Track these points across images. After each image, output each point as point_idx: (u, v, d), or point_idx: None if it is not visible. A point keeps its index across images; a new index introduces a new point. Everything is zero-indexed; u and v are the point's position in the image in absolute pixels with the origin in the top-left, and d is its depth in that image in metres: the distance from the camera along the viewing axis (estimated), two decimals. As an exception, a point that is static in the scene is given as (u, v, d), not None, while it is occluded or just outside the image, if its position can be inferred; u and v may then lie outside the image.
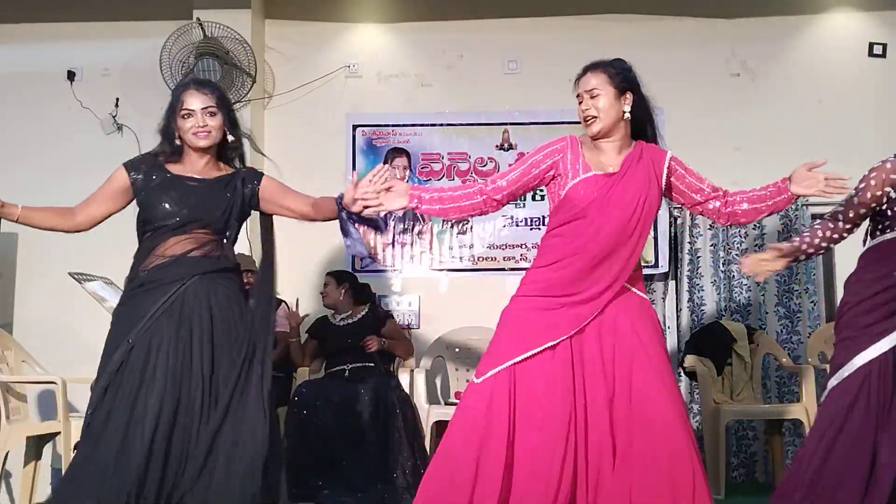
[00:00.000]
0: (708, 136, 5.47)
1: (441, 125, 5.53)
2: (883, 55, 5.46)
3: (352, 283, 4.95)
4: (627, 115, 2.82)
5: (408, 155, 5.56)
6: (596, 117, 2.78)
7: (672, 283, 5.43)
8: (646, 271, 5.40)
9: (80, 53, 5.68)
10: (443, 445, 2.66)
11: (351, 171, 5.58)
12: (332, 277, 4.96)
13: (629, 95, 2.83)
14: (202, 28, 5.25)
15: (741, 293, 5.27)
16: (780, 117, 5.49)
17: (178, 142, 2.87)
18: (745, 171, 5.39)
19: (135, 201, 2.87)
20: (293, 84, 5.64)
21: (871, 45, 5.47)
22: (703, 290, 5.31)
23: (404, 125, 5.60)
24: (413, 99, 5.64)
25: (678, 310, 5.35)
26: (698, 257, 5.33)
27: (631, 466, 2.52)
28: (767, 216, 3.02)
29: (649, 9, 5.57)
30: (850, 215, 2.93)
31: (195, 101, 2.83)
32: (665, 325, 5.43)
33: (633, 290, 2.77)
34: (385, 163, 5.57)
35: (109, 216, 2.96)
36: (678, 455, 2.53)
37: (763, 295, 5.26)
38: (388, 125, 5.61)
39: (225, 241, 2.90)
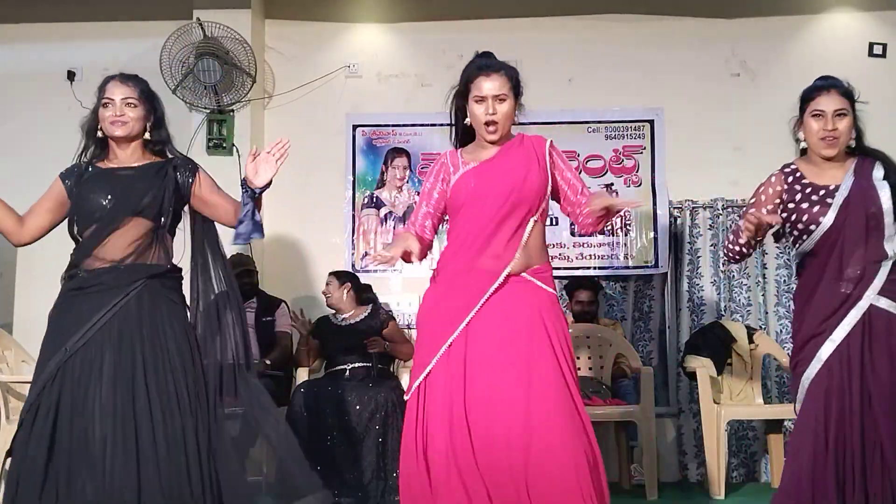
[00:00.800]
0: (708, 136, 5.48)
1: (441, 125, 5.48)
2: (883, 55, 5.46)
3: (354, 284, 4.94)
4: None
5: (408, 155, 5.56)
6: (497, 123, 2.78)
7: (672, 283, 5.43)
8: (646, 272, 5.42)
9: (80, 53, 5.69)
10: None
11: (351, 171, 5.59)
12: (334, 277, 4.95)
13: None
14: (202, 28, 5.25)
15: (741, 293, 5.27)
16: (781, 117, 5.41)
17: (100, 133, 2.83)
18: (744, 172, 5.40)
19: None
20: (293, 84, 5.64)
21: (871, 45, 5.47)
22: (703, 290, 5.31)
23: (404, 125, 5.60)
24: (413, 99, 5.65)
25: (678, 310, 5.35)
26: (698, 257, 5.33)
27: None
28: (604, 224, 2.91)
29: (649, 9, 5.58)
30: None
31: (116, 91, 2.81)
32: (665, 324, 5.43)
33: (540, 284, 2.76)
34: (385, 163, 5.59)
35: (53, 227, 2.96)
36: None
37: (763, 295, 5.27)
38: (388, 125, 5.61)
39: (160, 230, 2.79)
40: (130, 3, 5.67)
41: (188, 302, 2.87)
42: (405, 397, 2.74)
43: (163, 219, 2.78)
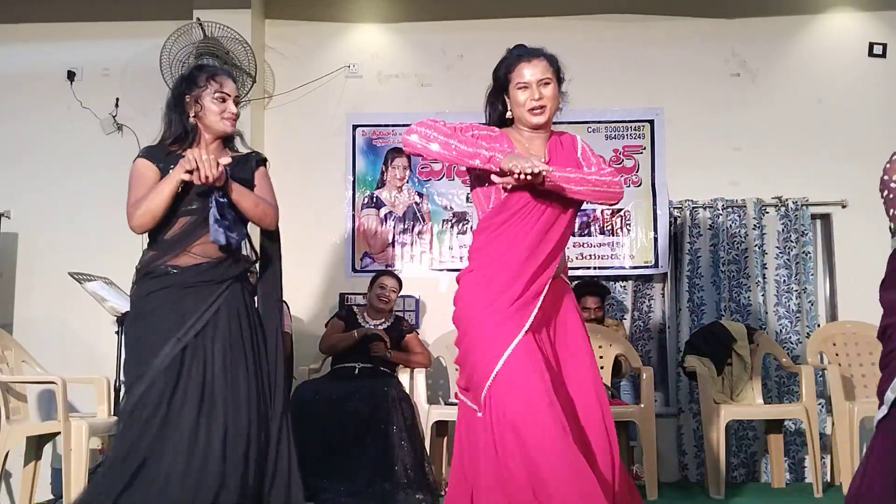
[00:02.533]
0: (708, 136, 5.48)
1: (441, 125, 5.53)
2: (883, 55, 5.47)
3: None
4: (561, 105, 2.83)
5: (408, 155, 5.56)
6: (545, 107, 2.74)
7: (672, 283, 5.43)
8: (646, 271, 5.42)
9: (79, 53, 5.69)
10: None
11: (351, 171, 5.60)
12: (396, 281, 4.96)
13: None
14: (202, 28, 5.26)
15: (741, 293, 5.27)
16: (780, 117, 5.50)
17: (192, 121, 2.80)
18: (744, 171, 5.43)
19: None
20: (293, 84, 5.65)
21: (871, 45, 5.48)
22: (703, 290, 5.31)
23: (404, 125, 5.56)
24: (413, 99, 5.65)
25: (678, 310, 5.35)
26: (698, 257, 5.33)
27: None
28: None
29: (649, 9, 5.58)
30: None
31: (229, 87, 2.83)
32: (665, 324, 5.44)
33: (568, 283, 2.83)
34: (385, 163, 5.60)
35: None
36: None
37: (763, 295, 5.27)
38: (388, 125, 5.61)
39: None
40: (130, 3, 5.68)
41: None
42: (480, 397, 2.53)
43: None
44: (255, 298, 2.88)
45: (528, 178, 2.45)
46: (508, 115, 2.78)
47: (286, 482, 2.74)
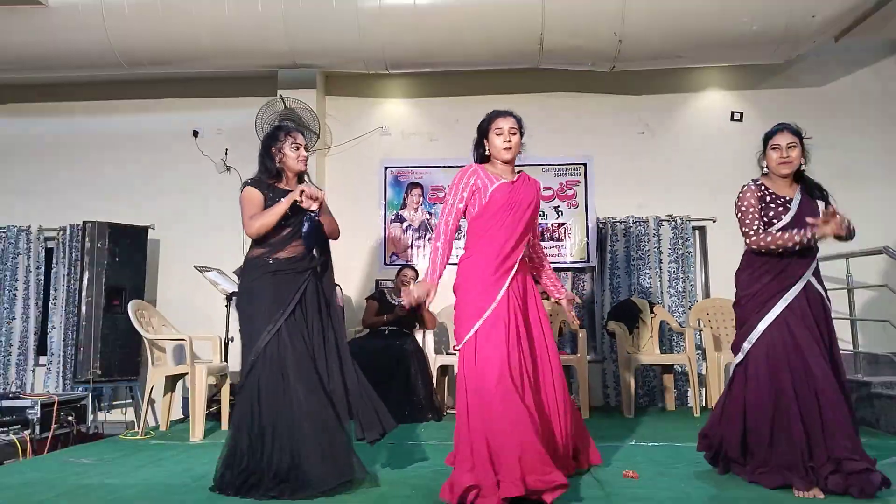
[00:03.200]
0: (621, 174, 5.48)
1: (445, 167, 5.54)
2: (740, 120, 5.47)
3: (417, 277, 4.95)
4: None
5: (421, 187, 5.57)
6: (512, 148, 2.67)
7: (598, 273, 5.44)
8: (579, 265, 5.42)
9: (201, 118, 5.71)
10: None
11: (383, 197, 5.60)
12: (414, 272, 4.90)
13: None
14: (283, 101, 5.27)
15: (645, 279, 5.27)
16: (671, 162, 5.50)
17: (278, 165, 2.75)
18: (647, 197, 5.43)
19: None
20: (345, 139, 5.65)
21: (732, 113, 5.48)
22: (619, 278, 5.30)
23: (420, 167, 5.61)
24: (426, 150, 5.66)
25: (602, 291, 5.35)
26: (616, 255, 5.33)
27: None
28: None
29: (583, 89, 5.58)
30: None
31: (301, 139, 2.80)
32: (594, 301, 5.44)
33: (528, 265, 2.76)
34: (406, 192, 5.60)
35: None
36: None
37: (660, 281, 5.26)
38: (408, 167, 5.61)
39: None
40: (235, 84, 5.68)
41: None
42: (456, 347, 2.51)
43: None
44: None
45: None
46: (487, 153, 2.72)
47: (374, 411, 2.70)
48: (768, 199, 2.63)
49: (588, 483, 2.61)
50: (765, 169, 2.70)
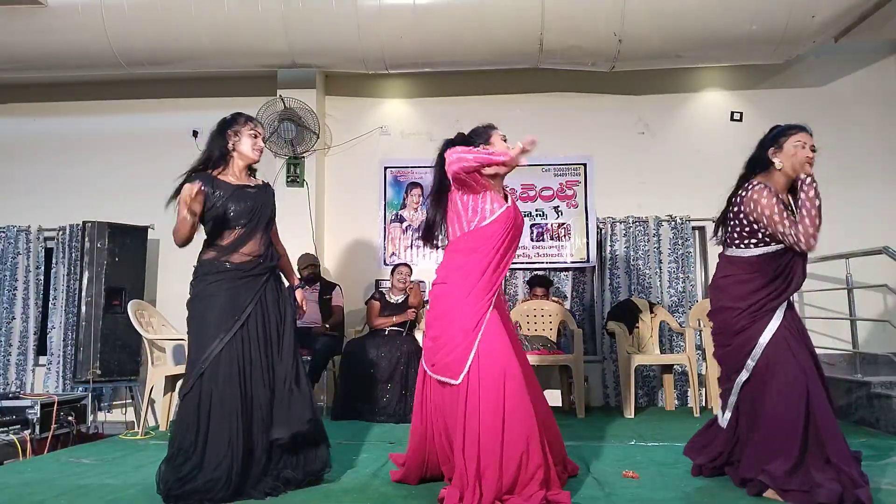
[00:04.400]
0: (621, 173, 5.48)
1: (443, 167, 5.54)
2: (740, 120, 5.47)
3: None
4: None
5: (421, 187, 5.57)
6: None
7: (598, 273, 5.44)
8: (581, 265, 5.42)
9: (201, 118, 5.67)
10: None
11: (383, 197, 5.60)
12: (407, 268, 4.89)
13: None
14: (283, 102, 5.27)
15: (645, 279, 5.27)
16: (671, 162, 5.50)
17: (230, 148, 2.61)
18: (647, 197, 5.43)
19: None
20: (344, 139, 5.64)
21: (731, 113, 5.48)
22: (619, 278, 5.30)
23: (419, 167, 5.60)
24: (424, 150, 5.64)
25: (602, 291, 5.35)
26: (616, 255, 5.33)
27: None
28: None
29: (584, 89, 5.58)
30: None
31: (261, 130, 2.69)
32: (594, 300, 5.44)
33: None
34: (406, 192, 5.60)
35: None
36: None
37: (659, 281, 5.27)
38: (407, 167, 5.61)
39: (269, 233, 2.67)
40: (235, 85, 5.68)
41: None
42: (460, 378, 2.30)
43: (270, 226, 2.69)
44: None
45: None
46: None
47: (289, 409, 2.54)
48: (780, 201, 2.42)
49: (588, 483, 2.60)
50: (779, 164, 2.45)
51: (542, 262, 5.42)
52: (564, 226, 5.43)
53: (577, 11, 4.46)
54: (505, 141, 2.62)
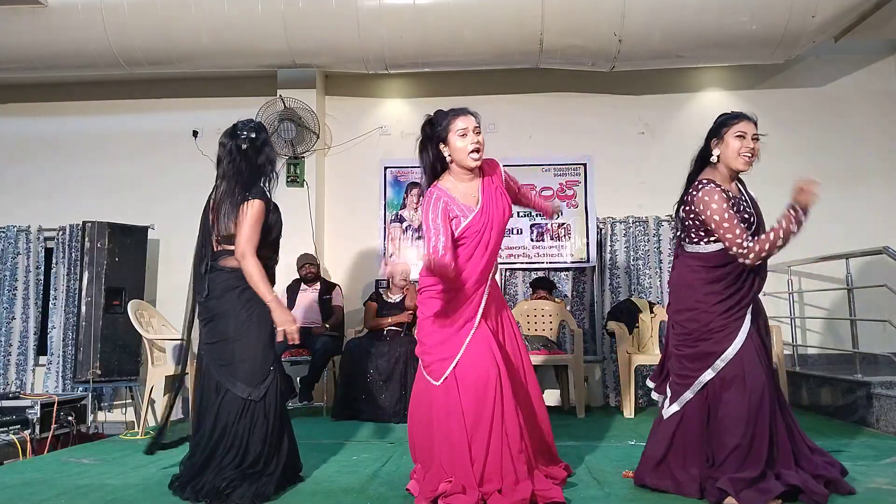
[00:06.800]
0: (622, 174, 5.49)
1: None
2: (740, 120, 5.46)
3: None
4: None
5: (420, 187, 5.57)
6: (481, 150, 2.37)
7: (598, 273, 5.44)
8: (581, 265, 5.42)
9: (200, 119, 5.71)
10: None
11: (383, 197, 5.59)
12: (409, 269, 4.95)
13: None
14: (283, 102, 5.27)
15: (645, 279, 5.27)
16: (671, 162, 5.48)
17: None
18: (647, 197, 5.43)
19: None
20: (344, 139, 5.65)
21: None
22: (619, 278, 5.31)
23: (419, 167, 5.56)
24: (425, 149, 5.66)
25: (602, 291, 5.35)
26: (616, 255, 5.33)
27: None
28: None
29: (584, 88, 5.58)
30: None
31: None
32: (594, 300, 5.44)
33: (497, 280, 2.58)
34: (405, 192, 5.60)
35: None
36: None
37: (659, 280, 5.27)
38: (408, 167, 5.60)
39: None
40: (235, 84, 5.69)
41: None
42: (437, 382, 2.33)
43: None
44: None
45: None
46: (449, 160, 2.41)
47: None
48: (729, 199, 2.31)
49: (588, 483, 2.60)
50: (714, 157, 2.36)
51: (542, 262, 5.43)
52: (564, 226, 5.43)
53: (577, 11, 4.46)
54: (477, 133, 2.40)
